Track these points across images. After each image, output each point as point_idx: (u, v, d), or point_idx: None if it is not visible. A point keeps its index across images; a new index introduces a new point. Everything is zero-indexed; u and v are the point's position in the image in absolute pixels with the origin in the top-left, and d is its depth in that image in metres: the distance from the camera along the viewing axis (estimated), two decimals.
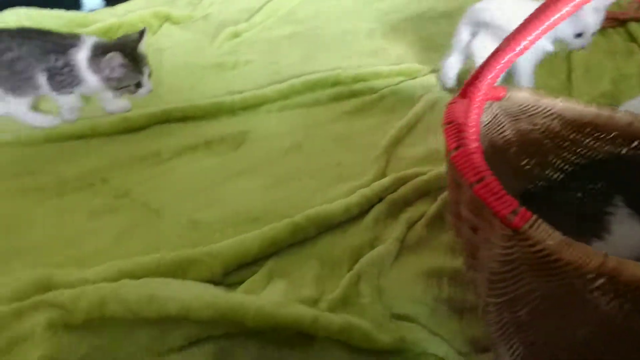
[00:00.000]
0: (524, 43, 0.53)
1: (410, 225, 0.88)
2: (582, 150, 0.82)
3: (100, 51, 1.01)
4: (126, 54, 1.00)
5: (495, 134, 0.75)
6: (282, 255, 0.83)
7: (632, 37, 1.35)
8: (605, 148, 0.81)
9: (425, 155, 1.01)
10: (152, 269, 0.77)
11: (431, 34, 1.37)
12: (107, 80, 1.02)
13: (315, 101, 1.14)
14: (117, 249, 0.84)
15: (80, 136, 1.06)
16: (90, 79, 1.03)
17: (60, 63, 1.02)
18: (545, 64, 1.21)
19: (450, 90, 1.15)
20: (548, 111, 0.77)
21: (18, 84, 1.04)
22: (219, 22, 1.44)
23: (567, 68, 1.24)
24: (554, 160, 0.83)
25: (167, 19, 1.43)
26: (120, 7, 1.53)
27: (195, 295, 0.70)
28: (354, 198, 0.88)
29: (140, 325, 0.70)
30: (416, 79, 1.18)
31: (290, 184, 0.96)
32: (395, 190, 0.92)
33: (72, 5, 1.51)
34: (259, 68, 1.26)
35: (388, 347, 0.69)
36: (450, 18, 1.43)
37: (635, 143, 0.75)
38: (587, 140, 0.81)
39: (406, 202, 0.91)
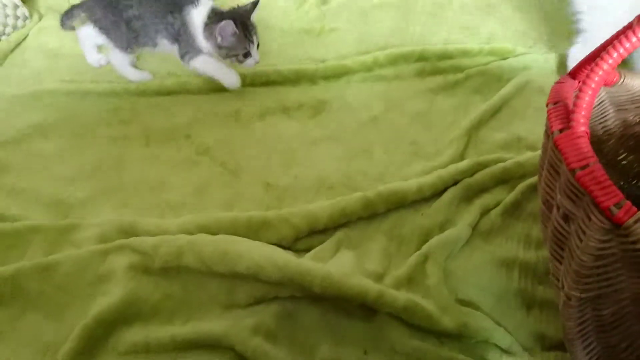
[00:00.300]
0: None
1: (485, 212, 0.85)
2: None
3: (215, 18, 1.02)
4: (238, 23, 1.00)
5: (596, 122, 0.70)
6: (351, 227, 0.84)
7: None
8: None
9: (508, 142, 0.97)
10: (226, 226, 0.80)
11: (530, 13, 1.29)
12: (218, 48, 1.03)
13: (397, 75, 1.12)
14: (195, 202, 0.89)
15: (169, 92, 1.11)
16: (205, 45, 1.05)
17: (177, 23, 1.04)
18: None
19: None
20: None
21: (134, 41, 1.07)
22: None
23: None
24: None
25: None
26: None
27: (266, 256, 0.73)
28: (428, 178, 0.87)
29: (212, 278, 0.74)
30: (506, 59, 1.12)
31: (365, 156, 0.96)
32: (472, 175, 0.89)
33: None
34: (344, 36, 1.24)
35: (450, 330, 0.68)
36: None
37: None
38: None
39: (482, 188, 0.88)
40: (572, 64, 1.06)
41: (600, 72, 0.49)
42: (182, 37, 1.05)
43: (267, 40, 1.19)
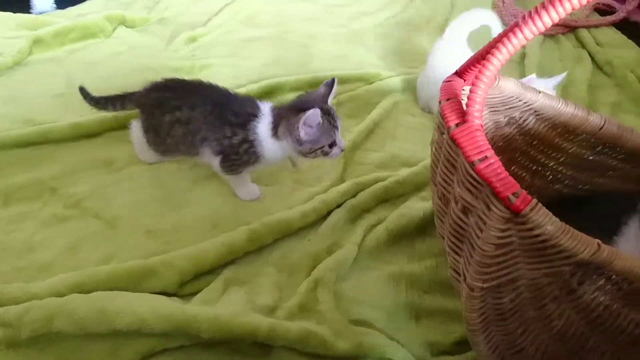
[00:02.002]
0: (539, 25, 0.48)
1: (369, 231, 0.88)
2: (548, 150, 0.82)
3: (287, 113, 0.85)
4: (322, 110, 0.82)
5: None
6: (239, 263, 0.82)
7: (581, 44, 1.40)
8: (571, 150, 0.82)
9: (384, 160, 1.02)
10: (103, 281, 0.75)
11: (393, 41, 1.38)
12: (299, 144, 0.84)
13: None
14: (67, 262, 0.82)
15: (30, 144, 1.02)
16: (273, 150, 0.87)
17: (237, 138, 0.86)
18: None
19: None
20: (528, 106, 0.75)
21: (171, 147, 0.91)
22: (175, 26, 1.41)
23: (520, 73, 1.28)
24: (520, 158, 0.83)
25: (121, 22, 1.39)
26: (72, 10, 1.49)
27: (149, 307, 0.69)
28: (310, 204, 0.88)
29: (91, 340, 0.68)
30: (374, 84, 1.19)
31: None
32: (354, 196, 0.92)
33: (21, 7, 1.46)
34: (217, 72, 1.24)
35: (346, 353, 0.69)
36: (409, 25, 1.45)
37: (599, 148, 0.76)
38: (557, 140, 0.81)
39: (365, 208, 0.91)
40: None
41: (492, 68, 0.49)
42: (235, 151, 0.87)
43: (138, 81, 1.15)
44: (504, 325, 0.57)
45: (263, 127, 0.86)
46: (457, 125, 0.52)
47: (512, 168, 0.85)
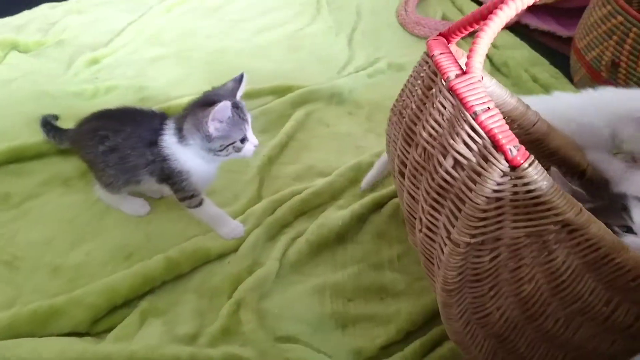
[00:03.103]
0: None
1: (290, 245, 0.88)
2: None
3: (191, 110, 0.81)
4: (232, 104, 0.78)
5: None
6: (156, 293, 0.79)
7: None
8: None
9: (300, 173, 1.02)
10: (4, 328, 0.69)
11: (303, 53, 1.39)
12: (208, 141, 0.78)
13: None
14: None
15: None
16: (189, 160, 0.81)
17: (157, 158, 0.81)
18: (406, 73, 1.28)
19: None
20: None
21: (114, 178, 0.85)
22: (75, 48, 1.33)
23: None
24: None
25: (13, 47, 1.30)
26: None
27: (57, 351, 0.64)
28: None
29: None
30: (286, 96, 1.19)
31: (163, 215, 0.92)
32: (272, 213, 0.91)
33: None
34: (122, 95, 1.19)
35: None
36: (317, 37, 1.47)
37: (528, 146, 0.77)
38: None
39: (284, 223, 0.91)
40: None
41: (497, 21, 0.48)
42: (168, 175, 0.82)
43: (35, 109, 1.08)
44: (478, 286, 0.57)
45: (170, 137, 0.81)
46: (456, 76, 0.51)
47: None
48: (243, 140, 0.81)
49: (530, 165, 0.46)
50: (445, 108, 0.54)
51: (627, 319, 0.56)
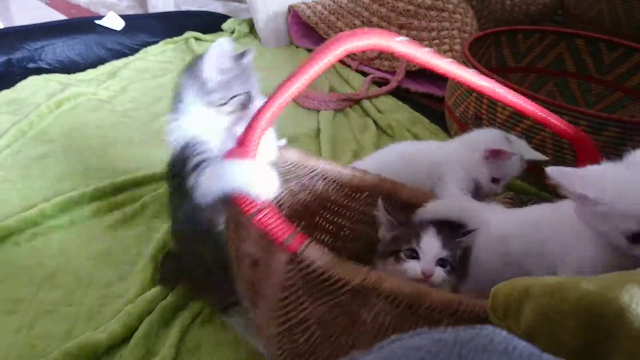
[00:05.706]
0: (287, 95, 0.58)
1: (186, 328, 0.85)
2: (342, 210, 0.90)
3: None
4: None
5: None
6: None
7: (366, 113, 1.58)
8: (361, 209, 0.90)
9: None
10: None
11: None
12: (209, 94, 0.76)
13: (72, 222, 1.06)
14: None
15: None
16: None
17: None
18: (299, 144, 1.34)
19: None
20: (313, 171, 0.83)
21: None
22: None
23: (317, 147, 1.39)
24: (320, 221, 0.89)
25: None
26: None
27: None
28: (116, 321, 0.82)
29: None
30: None
31: (48, 318, 0.86)
32: (165, 297, 0.88)
33: None
34: (5, 197, 1.13)
35: None
36: None
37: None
38: (345, 201, 0.89)
39: (178, 306, 0.88)
40: None
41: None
42: None
43: None
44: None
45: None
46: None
47: (315, 234, 0.91)
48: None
49: (307, 247, 0.53)
50: (234, 216, 0.63)
51: None
